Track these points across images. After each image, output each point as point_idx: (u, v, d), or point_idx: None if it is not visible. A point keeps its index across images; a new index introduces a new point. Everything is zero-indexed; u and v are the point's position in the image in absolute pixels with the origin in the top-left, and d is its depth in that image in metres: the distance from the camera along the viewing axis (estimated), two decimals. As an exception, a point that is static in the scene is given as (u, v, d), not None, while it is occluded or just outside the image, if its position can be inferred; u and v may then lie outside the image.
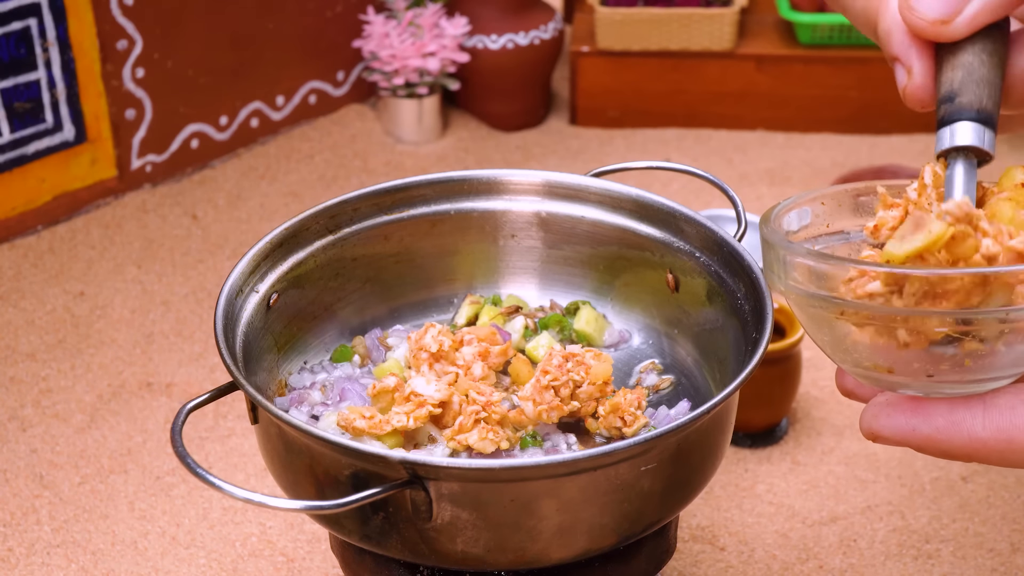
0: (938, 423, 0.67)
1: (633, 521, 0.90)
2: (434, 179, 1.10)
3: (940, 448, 0.67)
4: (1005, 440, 0.65)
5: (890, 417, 0.69)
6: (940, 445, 0.67)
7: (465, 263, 1.12)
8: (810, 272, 0.69)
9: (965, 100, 0.73)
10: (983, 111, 0.73)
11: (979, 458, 0.66)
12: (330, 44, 1.95)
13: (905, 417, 0.68)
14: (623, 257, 1.09)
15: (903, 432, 0.68)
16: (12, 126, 1.63)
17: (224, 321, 0.95)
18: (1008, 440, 0.65)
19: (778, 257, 0.72)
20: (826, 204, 0.79)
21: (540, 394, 0.94)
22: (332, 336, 1.09)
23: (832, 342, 0.71)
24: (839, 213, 0.79)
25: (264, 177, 1.86)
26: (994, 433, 0.65)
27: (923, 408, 0.68)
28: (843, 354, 0.71)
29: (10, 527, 1.26)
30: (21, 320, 1.55)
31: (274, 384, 1.03)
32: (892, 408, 0.69)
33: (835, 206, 0.79)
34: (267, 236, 1.02)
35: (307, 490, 0.91)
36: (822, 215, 0.79)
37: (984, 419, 0.65)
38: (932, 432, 0.67)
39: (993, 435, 0.65)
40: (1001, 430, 0.65)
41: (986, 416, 0.66)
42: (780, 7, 1.96)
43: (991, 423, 0.65)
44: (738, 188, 1.85)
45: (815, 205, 0.79)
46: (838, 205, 0.79)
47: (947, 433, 0.67)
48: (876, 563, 1.22)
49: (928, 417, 0.67)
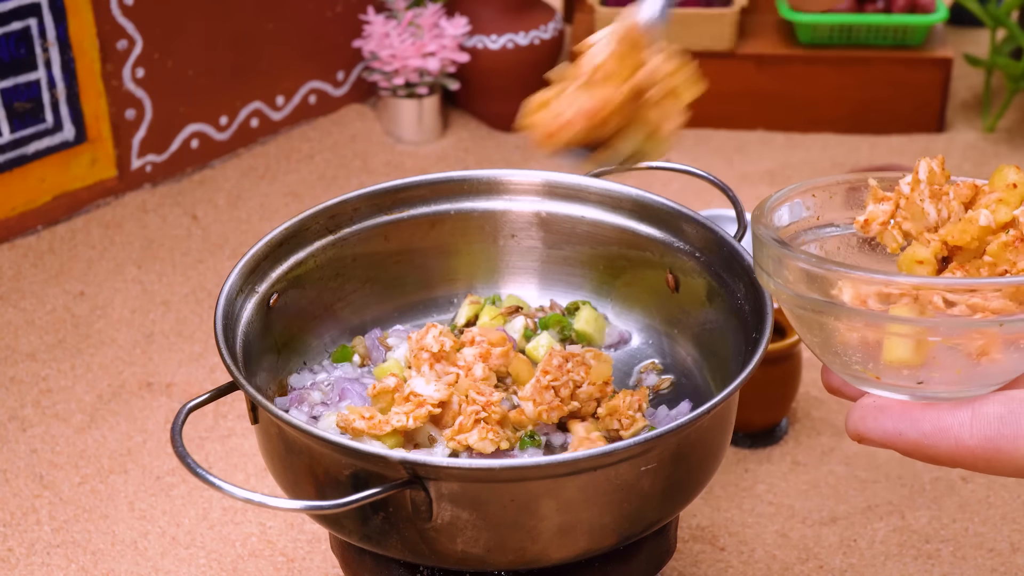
0: (925, 429, 0.67)
1: (633, 521, 0.90)
2: (434, 179, 1.10)
3: (926, 454, 0.67)
4: (992, 449, 0.65)
5: (876, 420, 0.68)
6: (926, 451, 0.67)
7: (465, 263, 1.12)
8: (804, 275, 0.69)
9: None
10: None
11: (965, 465, 0.66)
12: (330, 44, 1.95)
13: (892, 421, 0.68)
14: (623, 257, 1.09)
15: (890, 436, 0.68)
16: (12, 126, 1.63)
17: (224, 321, 0.95)
18: (995, 449, 0.65)
19: (770, 256, 0.72)
20: (817, 196, 0.79)
21: (540, 394, 0.94)
22: (332, 336, 1.09)
23: (821, 343, 0.71)
24: (830, 205, 0.79)
25: (264, 177, 1.86)
26: (981, 442, 0.65)
27: (910, 413, 0.67)
28: (832, 356, 0.71)
29: (10, 527, 1.26)
30: (21, 320, 1.55)
31: (274, 384, 1.03)
32: (879, 412, 0.69)
33: (826, 198, 0.79)
34: (267, 236, 1.02)
35: (307, 490, 0.91)
36: (813, 207, 0.79)
37: (972, 427, 0.65)
38: (919, 437, 0.67)
39: (980, 443, 0.65)
40: (988, 439, 0.65)
41: (973, 424, 0.65)
42: (780, 7, 1.96)
43: (978, 431, 0.65)
44: (738, 188, 1.85)
45: (806, 197, 0.79)
46: (829, 197, 0.79)
47: (934, 439, 0.67)
48: (876, 563, 1.22)
49: (915, 422, 0.67)
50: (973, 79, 2.10)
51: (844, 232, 0.79)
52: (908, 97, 1.97)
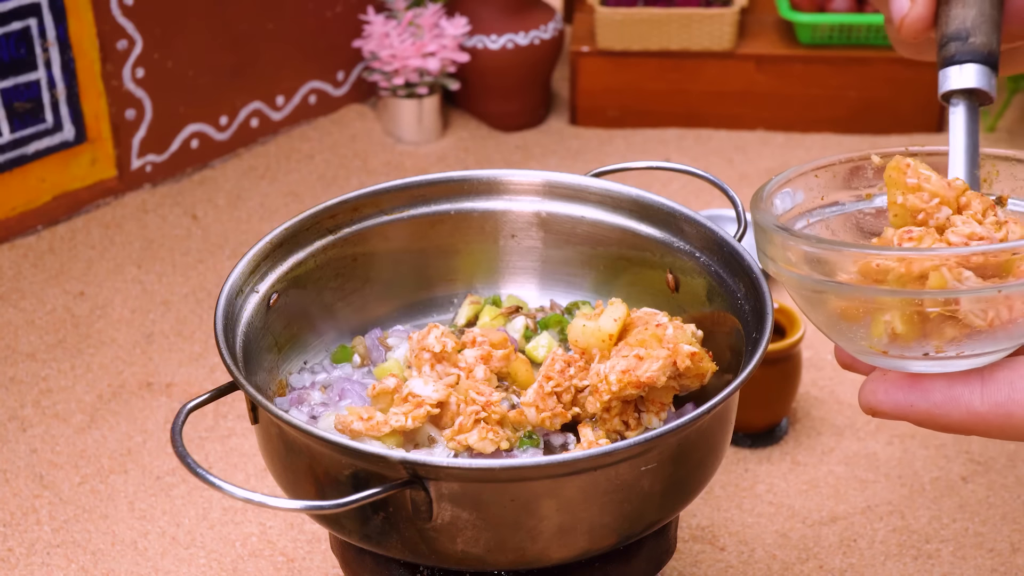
0: (936, 398, 0.67)
1: (633, 521, 0.90)
2: (434, 179, 1.10)
3: (939, 423, 0.68)
4: (1004, 415, 0.65)
5: (888, 393, 0.69)
6: (939, 420, 0.68)
7: (465, 263, 1.12)
8: (806, 257, 0.69)
9: (979, 41, 0.73)
10: (993, 54, 0.72)
11: (978, 432, 0.67)
12: (330, 44, 1.95)
13: (903, 393, 0.68)
14: (623, 257, 1.09)
15: (901, 408, 0.69)
16: (12, 126, 1.63)
17: (224, 321, 0.95)
18: (1007, 415, 0.66)
19: (771, 240, 0.72)
20: (820, 176, 0.79)
21: (543, 400, 0.94)
22: (332, 336, 1.09)
23: (828, 323, 0.71)
24: (833, 185, 0.79)
25: (264, 177, 1.86)
26: (992, 408, 0.66)
27: (921, 384, 0.68)
28: (839, 334, 0.71)
29: (10, 527, 1.26)
30: (21, 320, 1.55)
31: (274, 384, 1.03)
32: (890, 384, 0.69)
33: (829, 178, 0.79)
34: (267, 236, 1.02)
35: (307, 490, 0.91)
36: (816, 188, 0.79)
37: (982, 394, 0.66)
38: (930, 407, 0.68)
39: (992, 409, 0.66)
40: (999, 404, 0.65)
41: (984, 391, 0.66)
42: (780, 7, 1.96)
43: (989, 398, 0.66)
44: (738, 188, 1.85)
45: (808, 178, 0.79)
46: (832, 177, 0.79)
47: (945, 408, 0.67)
48: (876, 563, 1.22)
49: (926, 393, 0.68)
50: (973, 79, 2.10)
51: (849, 211, 0.79)
52: (908, 97, 1.97)
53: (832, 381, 1.46)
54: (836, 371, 1.47)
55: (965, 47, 0.72)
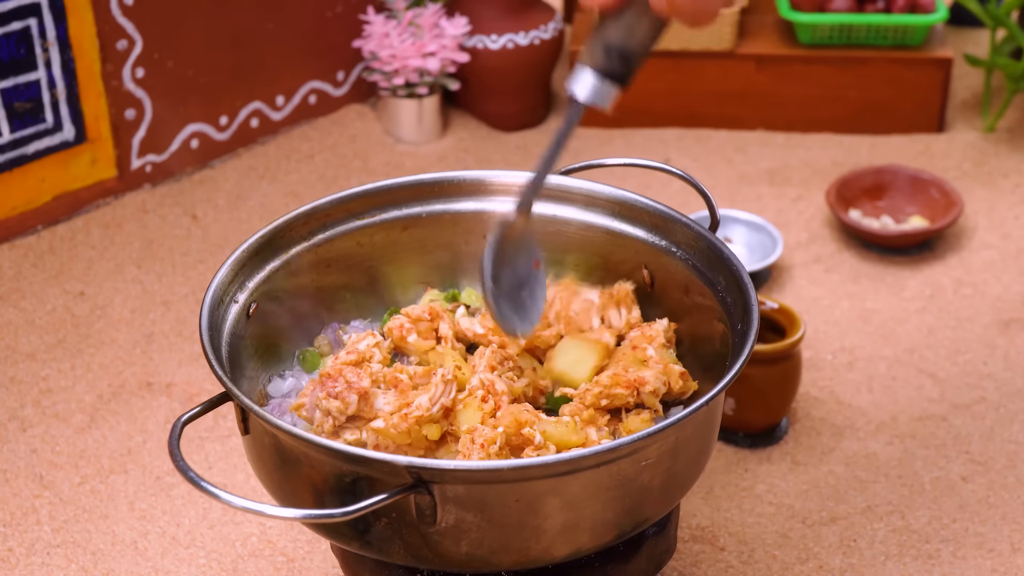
0: None
1: (633, 515, 0.91)
2: (405, 182, 1.12)
3: None
4: None
5: None
6: None
7: (440, 264, 1.14)
8: None
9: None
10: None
11: None
12: (330, 44, 1.95)
13: None
14: (598, 254, 1.10)
15: None
16: (12, 126, 1.63)
17: (210, 332, 0.96)
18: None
19: None
20: None
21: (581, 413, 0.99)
22: (309, 342, 1.10)
23: None
24: None
25: (264, 177, 1.86)
26: None
27: None
28: None
29: (10, 527, 1.26)
30: (21, 320, 1.55)
31: (255, 393, 1.03)
32: None
33: None
34: (243, 245, 1.04)
35: (305, 499, 0.91)
36: None
37: None
38: None
39: None
40: None
41: None
42: (780, 7, 1.96)
43: None
44: (738, 188, 1.85)
45: None
46: None
47: None
48: (876, 563, 1.22)
49: None
50: (973, 79, 2.10)
51: None
52: (908, 97, 1.97)
53: (832, 381, 1.46)
54: (836, 371, 1.47)
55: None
